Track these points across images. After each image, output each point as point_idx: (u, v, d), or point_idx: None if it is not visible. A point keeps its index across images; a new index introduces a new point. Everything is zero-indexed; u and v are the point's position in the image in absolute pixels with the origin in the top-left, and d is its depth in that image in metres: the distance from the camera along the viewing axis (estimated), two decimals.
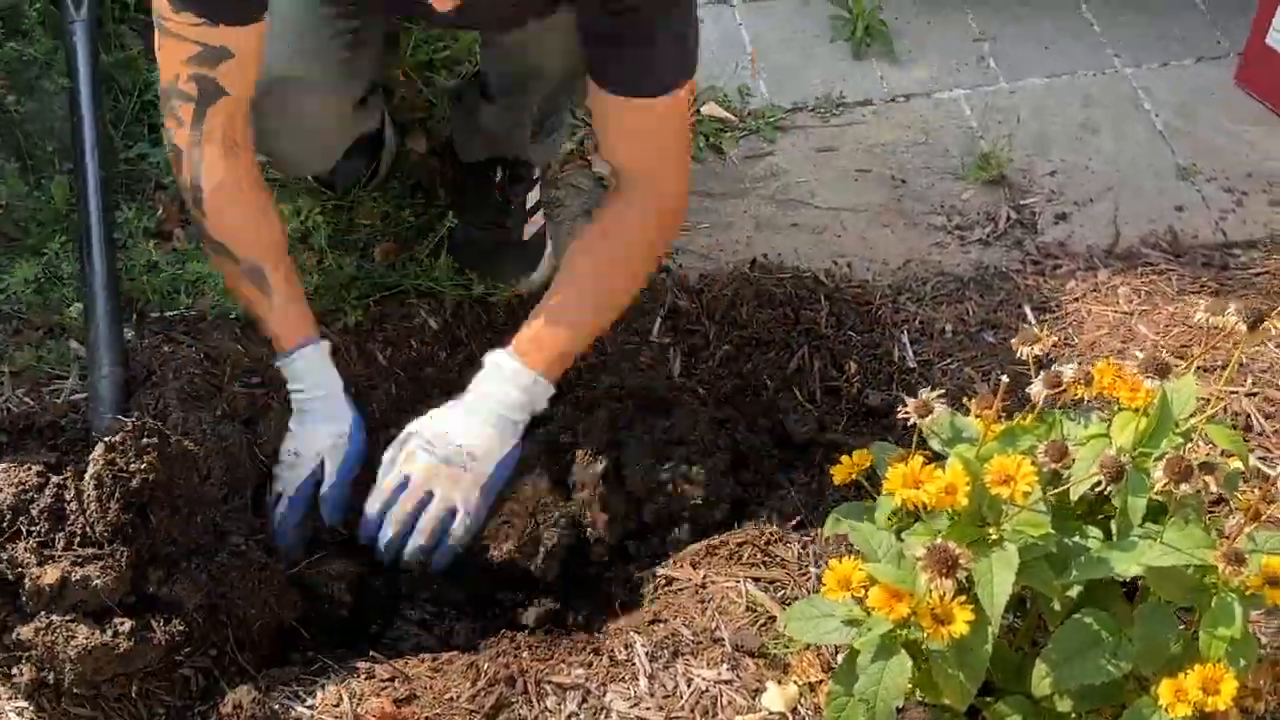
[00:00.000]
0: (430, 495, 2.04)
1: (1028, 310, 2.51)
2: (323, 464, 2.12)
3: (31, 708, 1.83)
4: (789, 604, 1.94)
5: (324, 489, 2.12)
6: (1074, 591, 1.64)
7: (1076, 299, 2.52)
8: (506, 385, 2.07)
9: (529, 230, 2.57)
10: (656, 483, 2.06)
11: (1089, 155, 2.90)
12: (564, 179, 2.78)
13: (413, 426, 2.09)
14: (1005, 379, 1.53)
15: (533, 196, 2.60)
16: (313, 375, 2.15)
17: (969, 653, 1.55)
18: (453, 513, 2.04)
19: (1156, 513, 1.58)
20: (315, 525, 2.13)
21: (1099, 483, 1.50)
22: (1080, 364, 2.29)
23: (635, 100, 2.02)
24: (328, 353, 2.17)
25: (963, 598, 1.49)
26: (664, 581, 2.01)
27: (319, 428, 2.14)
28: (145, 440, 1.83)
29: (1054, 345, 2.40)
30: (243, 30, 2.00)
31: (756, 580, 1.98)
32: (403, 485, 2.06)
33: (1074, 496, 1.58)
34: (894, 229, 2.72)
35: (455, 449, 2.04)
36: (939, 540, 1.48)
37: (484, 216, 2.54)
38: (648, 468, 2.07)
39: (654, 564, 2.06)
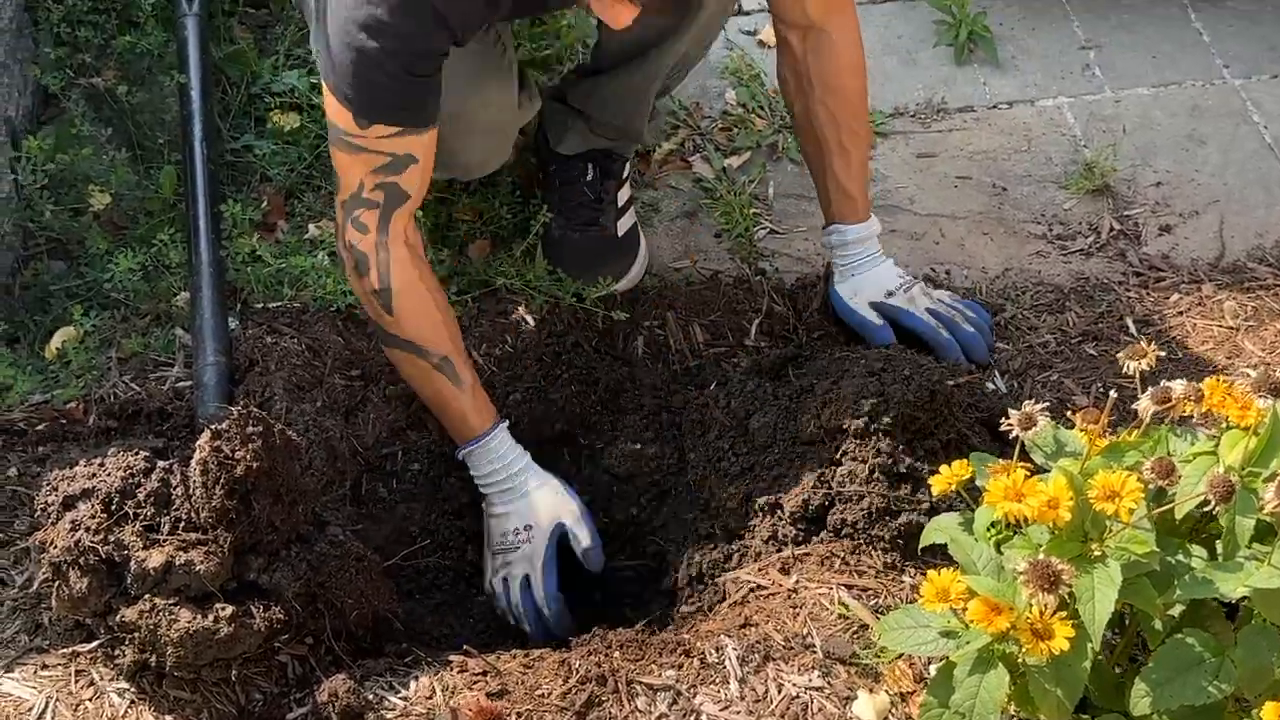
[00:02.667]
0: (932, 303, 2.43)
1: (1130, 323, 2.48)
2: (560, 527, 2.18)
3: (133, 689, 1.86)
4: (881, 612, 1.94)
5: (587, 545, 2.18)
6: (1175, 610, 1.62)
7: (1180, 313, 2.49)
8: (862, 246, 2.42)
9: (622, 226, 2.58)
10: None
11: (1195, 167, 2.85)
12: (661, 179, 2.79)
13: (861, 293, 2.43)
14: (1113, 393, 1.51)
15: (623, 194, 2.61)
16: (511, 450, 2.21)
17: (1067, 669, 1.54)
18: None
19: (1264, 533, 1.55)
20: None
21: (1205, 502, 1.48)
22: (1186, 380, 2.28)
23: None
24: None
25: (1063, 614, 1.48)
26: (754, 586, 2.01)
27: (541, 497, 2.19)
28: (250, 429, 1.85)
29: (1157, 360, 2.36)
30: (428, 134, 2.03)
31: (849, 587, 1.97)
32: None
33: (1180, 514, 1.55)
34: (994, 236, 2.69)
35: (900, 283, 2.45)
36: (1040, 555, 1.46)
37: (580, 216, 2.55)
38: None
39: (741, 567, 2.06)
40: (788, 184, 2.78)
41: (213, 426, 1.84)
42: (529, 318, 2.42)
